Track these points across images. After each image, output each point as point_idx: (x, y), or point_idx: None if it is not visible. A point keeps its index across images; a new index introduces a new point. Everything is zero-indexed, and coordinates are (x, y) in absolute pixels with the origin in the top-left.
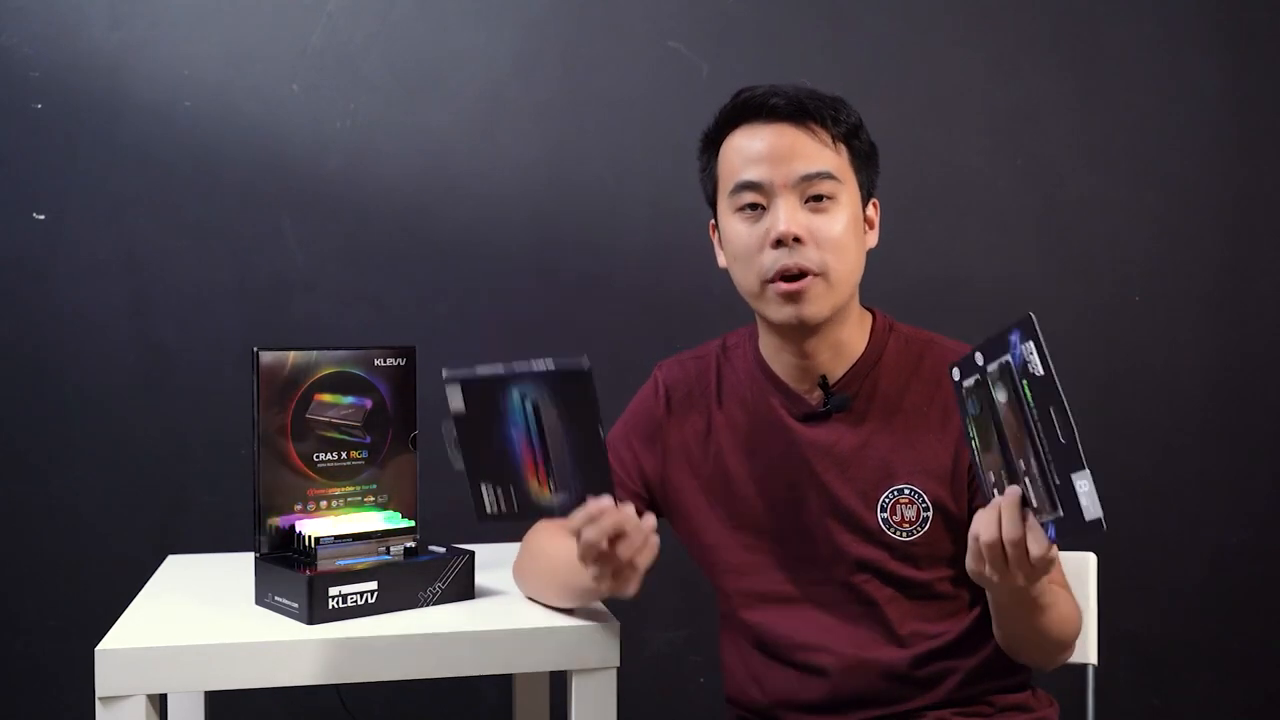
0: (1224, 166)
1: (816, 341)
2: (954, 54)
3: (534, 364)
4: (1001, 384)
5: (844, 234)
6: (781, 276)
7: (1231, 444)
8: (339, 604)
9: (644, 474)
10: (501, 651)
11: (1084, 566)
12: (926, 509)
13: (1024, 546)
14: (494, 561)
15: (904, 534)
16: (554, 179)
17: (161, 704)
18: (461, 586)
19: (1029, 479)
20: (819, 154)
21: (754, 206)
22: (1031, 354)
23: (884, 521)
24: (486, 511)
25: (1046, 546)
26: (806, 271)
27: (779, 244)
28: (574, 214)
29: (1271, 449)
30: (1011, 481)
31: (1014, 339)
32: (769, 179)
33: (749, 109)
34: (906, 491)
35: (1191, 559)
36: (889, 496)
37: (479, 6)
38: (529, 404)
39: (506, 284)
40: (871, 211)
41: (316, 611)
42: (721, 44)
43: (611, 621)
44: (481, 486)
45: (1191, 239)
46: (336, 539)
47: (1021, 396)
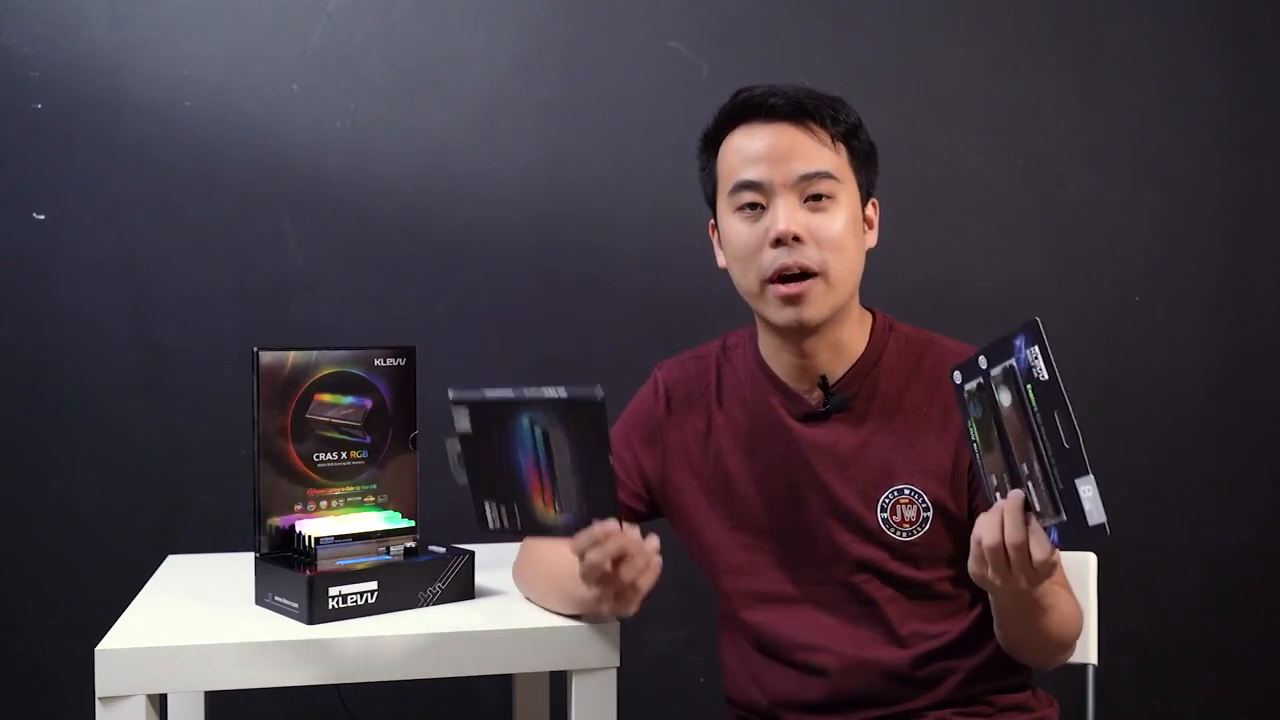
0: (1224, 166)
1: (816, 341)
2: (954, 54)
3: (545, 391)
4: (1005, 388)
5: (843, 233)
6: (781, 277)
7: (1231, 444)
8: (339, 604)
9: (644, 474)
10: (501, 651)
11: (1084, 567)
12: (927, 509)
13: (1026, 550)
14: (494, 561)
15: (904, 534)
16: (554, 179)
17: (161, 704)
18: (461, 586)
19: (1032, 482)
20: (818, 153)
21: (753, 206)
22: (1037, 359)
23: (884, 521)
24: (490, 527)
25: (1049, 550)
26: (806, 270)
27: (778, 243)
28: (574, 214)
29: (1271, 449)
30: (1014, 485)
31: (1019, 343)
32: (768, 178)
33: (748, 108)
34: (906, 491)
35: (1191, 559)
36: (889, 496)
37: (479, 6)
38: (538, 430)
39: (506, 284)
40: (870, 211)
41: (316, 611)
42: (721, 44)
43: (611, 622)
44: (485, 504)
45: (1191, 239)
46: (336, 539)
47: (1025, 401)
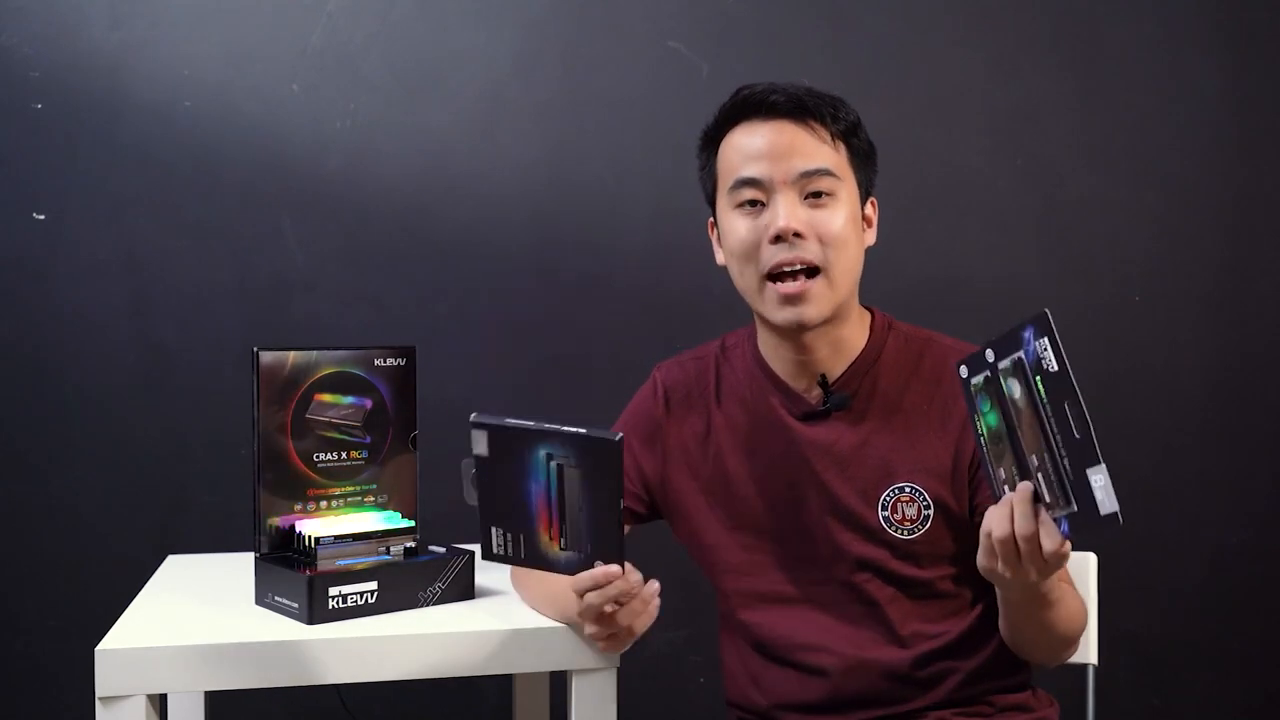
0: (1224, 166)
1: (815, 338)
2: (954, 54)
3: (565, 426)
4: (1014, 380)
5: (844, 229)
6: (781, 275)
7: (1231, 444)
8: (339, 604)
9: (643, 475)
10: (501, 651)
11: (1084, 566)
12: (927, 507)
13: (1036, 541)
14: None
15: (905, 532)
16: (554, 179)
17: (161, 704)
18: (461, 586)
19: (1041, 474)
20: (818, 151)
21: (753, 203)
22: (1046, 350)
23: (885, 520)
24: (493, 551)
25: (1059, 541)
26: (808, 264)
27: (778, 239)
28: (574, 214)
29: (1271, 449)
30: (1023, 477)
31: (1027, 335)
32: (768, 175)
33: (748, 106)
34: (907, 490)
35: (1191, 559)
36: (889, 495)
37: (479, 6)
38: (554, 464)
39: (506, 284)
40: (870, 210)
41: (316, 611)
42: (721, 44)
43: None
44: (492, 529)
45: (1191, 239)
46: (336, 539)
47: (1035, 392)
